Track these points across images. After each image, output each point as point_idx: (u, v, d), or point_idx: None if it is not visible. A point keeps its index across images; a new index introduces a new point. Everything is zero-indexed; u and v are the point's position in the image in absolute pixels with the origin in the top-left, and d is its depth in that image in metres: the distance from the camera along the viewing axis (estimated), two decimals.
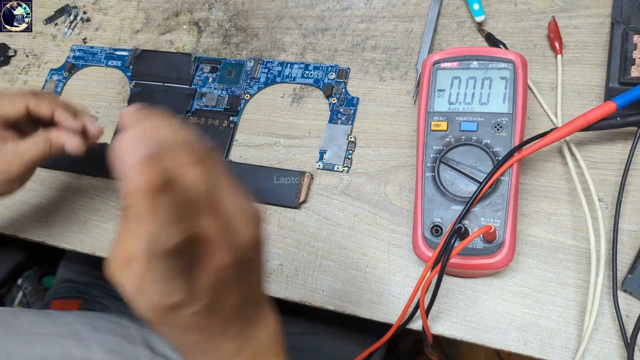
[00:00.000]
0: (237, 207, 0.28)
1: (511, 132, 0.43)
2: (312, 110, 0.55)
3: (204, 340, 0.30)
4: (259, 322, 0.33)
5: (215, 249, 0.26)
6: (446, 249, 0.39)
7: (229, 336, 0.31)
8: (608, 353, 0.41)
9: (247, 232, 0.28)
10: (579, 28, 0.51)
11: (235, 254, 0.27)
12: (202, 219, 0.26)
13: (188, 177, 0.25)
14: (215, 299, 0.27)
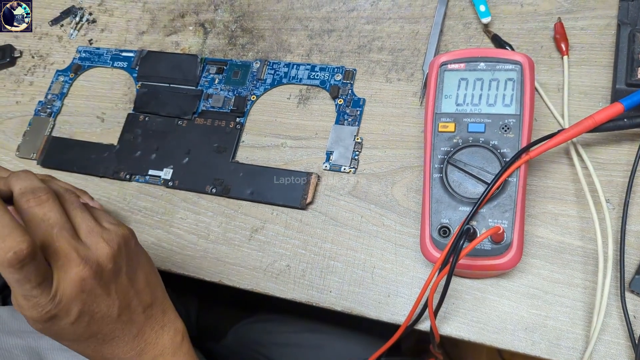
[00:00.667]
0: (90, 230, 0.34)
1: (519, 133, 0.43)
2: (318, 111, 0.55)
3: (101, 347, 0.35)
4: (160, 327, 0.38)
5: (69, 263, 0.32)
6: (454, 250, 0.39)
7: (125, 340, 0.36)
8: (615, 354, 0.41)
9: (101, 248, 0.34)
10: (585, 29, 0.51)
11: (91, 267, 0.33)
12: (53, 239, 0.32)
13: (38, 210, 0.33)
14: (89, 308, 0.33)
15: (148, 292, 0.38)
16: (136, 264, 0.37)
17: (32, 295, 0.31)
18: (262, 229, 0.51)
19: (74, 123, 0.62)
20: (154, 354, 0.38)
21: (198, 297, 0.76)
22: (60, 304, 0.32)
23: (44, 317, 0.32)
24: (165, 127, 0.58)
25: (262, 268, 0.50)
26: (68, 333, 0.34)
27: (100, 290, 0.34)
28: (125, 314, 0.36)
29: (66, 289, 0.32)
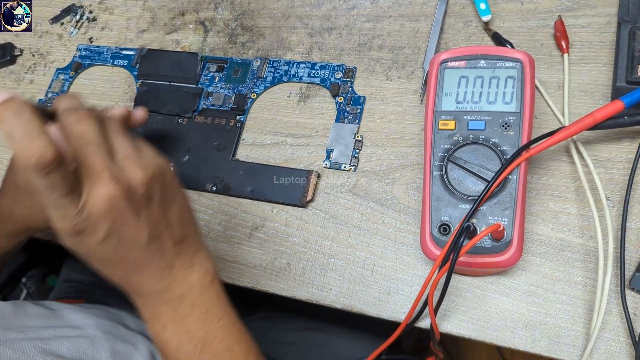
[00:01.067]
0: (127, 155, 0.34)
1: (519, 131, 0.43)
2: (318, 109, 0.55)
3: (129, 274, 0.36)
4: (190, 265, 0.37)
5: (100, 180, 0.32)
6: (454, 248, 0.39)
7: (152, 272, 0.36)
8: (616, 351, 0.41)
9: (134, 173, 0.34)
10: (585, 27, 0.51)
11: (122, 188, 0.33)
12: (87, 155, 0.32)
13: (77, 127, 0.33)
14: (117, 230, 0.33)
15: (180, 228, 0.37)
16: (171, 197, 0.37)
17: (60, 205, 0.31)
18: (262, 227, 0.51)
19: None
20: (181, 290, 0.37)
21: None
22: (88, 219, 0.32)
23: (72, 230, 0.32)
24: (165, 125, 0.58)
25: (262, 266, 0.50)
26: (96, 253, 0.34)
27: (130, 213, 0.33)
28: (154, 244, 0.35)
29: (94, 205, 0.32)
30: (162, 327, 0.37)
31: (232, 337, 0.38)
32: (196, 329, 0.37)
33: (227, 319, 0.38)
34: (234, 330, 0.38)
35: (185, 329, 0.37)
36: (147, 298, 0.37)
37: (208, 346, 0.37)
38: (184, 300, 0.37)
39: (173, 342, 0.37)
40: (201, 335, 0.37)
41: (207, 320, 0.37)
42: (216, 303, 0.38)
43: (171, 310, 0.37)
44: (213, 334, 0.37)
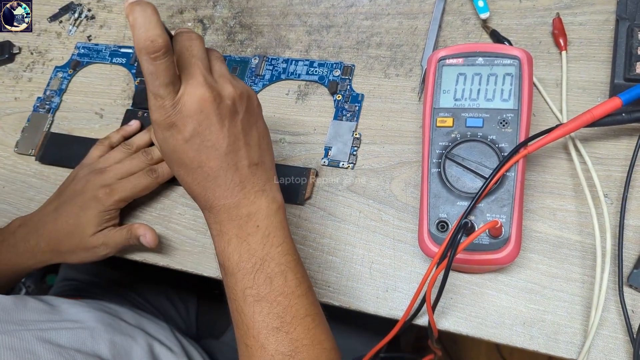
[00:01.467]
0: (223, 74, 0.39)
1: (517, 128, 0.43)
2: (317, 107, 0.55)
3: (205, 182, 0.39)
4: (261, 190, 0.40)
5: (196, 83, 0.37)
6: (452, 245, 0.39)
7: (226, 185, 0.39)
8: (614, 348, 0.41)
9: (226, 87, 0.38)
10: (583, 25, 0.51)
11: (213, 93, 0.37)
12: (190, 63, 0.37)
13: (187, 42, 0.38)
14: (202, 131, 0.37)
15: (257, 152, 0.41)
16: (253, 121, 0.41)
17: (160, 94, 0.36)
18: None
19: (73, 119, 0.62)
20: (249, 210, 0.40)
21: (197, 293, 0.76)
22: (180, 114, 0.37)
23: (165, 122, 0.37)
24: None
25: None
26: (181, 153, 0.38)
27: (215, 119, 0.38)
28: (231, 156, 0.39)
29: (187, 101, 0.37)
30: (227, 242, 0.40)
31: (289, 264, 0.40)
32: (257, 248, 0.39)
33: (287, 247, 0.41)
34: (291, 259, 0.40)
35: (247, 247, 0.39)
36: (218, 212, 0.40)
37: (265, 267, 0.39)
38: (250, 220, 0.40)
39: (234, 257, 0.39)
40: (261, 255, 0.39)
41: (269, 242, 0.40)
42: (279, 229, 0.41)
43: (237, 227, 0.40)
44: (271, 256, 0.40)
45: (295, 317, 0.39)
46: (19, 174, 0.60)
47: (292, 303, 0.39)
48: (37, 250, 0.51)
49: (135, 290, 0.69)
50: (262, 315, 0.38)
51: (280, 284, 0.39)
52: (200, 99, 0.37)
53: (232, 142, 0.39)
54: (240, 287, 0.39)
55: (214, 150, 0.38)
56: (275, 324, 0.38)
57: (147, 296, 0.70)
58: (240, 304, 0.39)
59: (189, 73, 0.37)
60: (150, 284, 0.71)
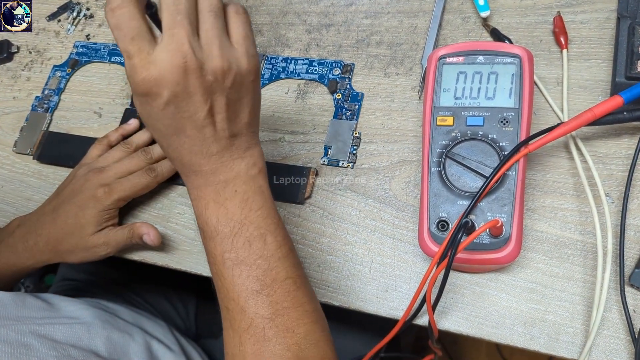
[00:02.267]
0: (211, 39, 0.35)
1: (517, 126, 0.43)
2: (316, 106, 0.55)
3: (182, 149, 0.37)
4: (240, 157, 0.39)
5: (176, 51, 0.33)
6: (453, 244, 0.39)
7: (203, 153, 0.38)
8: (615, 348, 0.41)
9: (211, 58, 0.35)
10: (584, 23, 0.51)
11: (192, 65, 0.34)
12: (173, 24, 0.33)
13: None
14: (178, 100, 0.35)
15: (240, 124, 0.39)
16: (242, 95, 0.38)
17: (128, 51, 0.33)
18: None
19: (71, 118, 0.61)
20: (226, 176, 0.39)
21: (197, 293, 0.75)
22: (153, 80, 0.33)
23: (139, 87, 0.34)
24: None
25: None
26: (156, 120, 0.36)
27: (193, 90, 0.35)
28: (209, 129, 0.37)
29: (162, 68, 0.33)
30: (205, 206, 0.39)
31: (269, 227, 0.39)
32: (235, 212, 0.39)
33: (266, 211, 0.40)
34: (270, 222, 0.40)
35: (225, 210, 0.39)
36: (195, 177, 0.39)
37: (244, 230, 0.39)
38: (227, 185, 0.39)
39: (212, 220, 0.39)
40: (239, 219, 0.39)
41: (247, 207, 0.39)
42: (258, 194, 0.40)
43: (215, 192, 0.39)
44: (250, 219, 0.39)
45: (275, 279, 0.38)
46: (17, 174, 0.60)
47: (272, 266, 0.39)
48: (36, 250, 0.51)
49: (134, 290, 0.69)
50: (242, 278, 0.38)
51: (259, 247, 0.39)
52: (178, 68, 0.33)
53: (211, 115, 0.37)
54: (219, 250, 0.39)
55: (191, 121, 0.36)
56: (255, 287, 0.38)
57: (146, 296, 0.70)
58: (220, 268, 0.39)
59: (170, 34, 0.33)
60: (149, 284, 0.71)
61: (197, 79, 0.34)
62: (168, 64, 0.33)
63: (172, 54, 0.33)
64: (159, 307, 0.70)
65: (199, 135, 0.37)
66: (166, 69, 0.33)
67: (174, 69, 0.33)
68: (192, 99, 0.35)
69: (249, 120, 0.39)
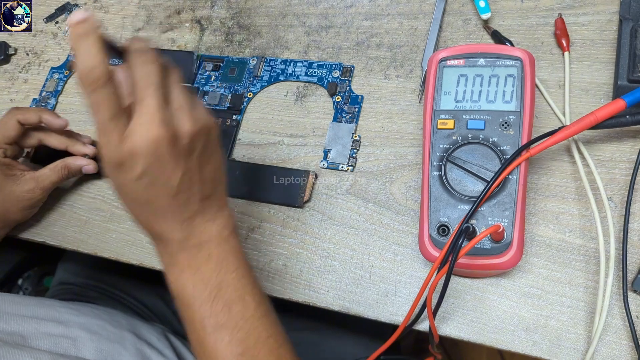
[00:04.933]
0: (181, 106, 0.35)
1: (519, 130, 0.42)
2: (316, 108, 0.54)
3: (153, 217, 0.37)
4: (211, 219, 0.39)
5: (151, 121, 0.33)
6: (453, 249, 0.38)
7: (175, 220, 0.37)
8: (618, 355, 0.41)
9: (184, 123, 0.35)
10: (586, 25, 0.50)
11: (169, 132, 0.34)
12: (146, 95, 0.34)
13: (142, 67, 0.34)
14: (153, 171, 0.34)
15: (210, 185, 0.39)
16: (210, 155, 0.38)
17: (105, 129, 0.33)
18: (258, 228, 0.51)
19: (69, 121, 0.61)
20: (199, 240, 0.38)
21: None
22: (129, 153, 0.33)
23: (112, 161, 0.34)
24: None
25: (259, 267, 0.49)
26: (129, 190, 0.36)
27: (169, 158, 0.35)
28: (183, 195, 0.37)
29: (138, 141, 0.33)
30: (179, 273, 0.38)
31: (246, 288, 0.39)
32: (211, 276, 0.38)
33: (242, 271, 0.40)
34: (247, 282, 0.39)
35: (200, 276, 0.38)
36: (167, 244, 0.38)
37: (222, 294, 0.38)
38: (201, 250, 0.38)
39: (188, 288, 0.38)
40: (216, 283, 0.38)
41: (223, 270, 0.39)
42: (232, 255, 0.39)
43: (189, 257, 0.38)
44: (227, 282, 0.39)
45: (258, 340, 0.38)
46: None
47: (253, 326, 0.38)
48: None
49: (131, 294, 0.69)
50: (224, 343, 0.37)
51: (239, 309, 0.38)
52: (154, 140, 0.33)
53: (186, 181, 0.36)
54: (198, 317, 0.38)
55: (165, 189, 0.36)
56: (239, 350, 0.37)
57: (144, 299, 0.69)
58: (201, 335, 0.38)
59: (143, 107, 0.34)
60: (147, 287, 0.70)
61: (171, 148, 0.34)
62: (143, 137, 0.33)
63: (147, 126, 0.33)
64: (156, 310, 0.69)
65: (173, 203, 0.37)
66: (141, 141, 0.33)
67: (149, 141, 0.33)
68: (166, 168, 0.35)
69: (218, 179, 0.39)
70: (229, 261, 0.39)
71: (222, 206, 0.40)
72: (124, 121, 0.33)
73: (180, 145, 0.35)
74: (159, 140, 0.34)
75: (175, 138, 0.34)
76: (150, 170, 0.34)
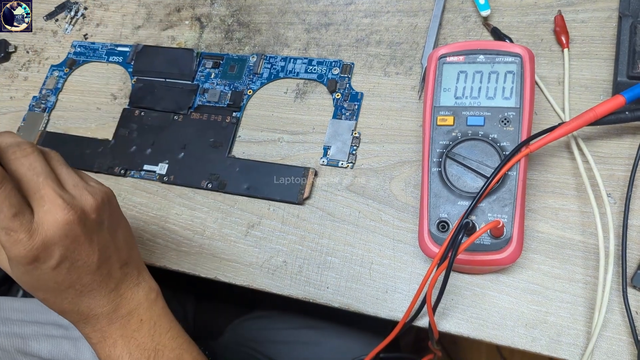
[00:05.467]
0: (76, 184, 0.36)
1: (518, 126, 0.42)
2: (315, 105, 0.54)
3: (78, 299, 0.37)
4: (135, 284, 0.40)
5: (54, 207, 0.33)
6: (453, 245, 0.38)
7: (102, 293, 0.37)
8: (617, 350, 0.41)
9: (86, 199, 0.35)
10: (585, 22, 0.50)
11: (76, 213, 0.34)
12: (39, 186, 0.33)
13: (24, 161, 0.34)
14: (71, 254, 0.34)
15: (126, 250, 0.39)
16: (117, 222, 0.39)
17: (10, 228, 0.32)
18: (258, 225, 0.51)
19: (69, 118, 0.61)
20: (129, 308, 0.39)
21: (195, 295, 0.75)
22: (42, 245, 0.33)
23: (26, 257, 0.33)
24: (160, 122, 0.57)
25: (259, 264, 0.49)
26: (48, 280, 0.35)
27: (83, 237, 0.35)
28: (104, 267, 0.37)
29: (49, 229, 0.33)
30: (113, 345, 0.38)
31: (182, 346, 0.40)
32: (146, 341, 0.39)
33: (175, 331, 0.40)
34: (182, 341, 0.40)
35: (136, 343, 0.39)
36: (96, 321, 0.38)
37: (160, 355, 0.39)
38: (132, 317, 0.39)
39: (125, 358, 0.38)
40: (152, 346, 0.39)
41: (157, 332, 0.39)
42: (163, 316, 0.40)
43: (121, 327, 0.39)
44: (163, 344, 0.39)
45: None
46: None
47: None
48: None
49: None
50: None
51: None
52: (64, 224, 0.33)
53: (103, 253, 0.37)
54: None
55: (86, 267, 0.36)
56: None
57: None
58: None
59: (41, 197, 0.33)
60: None
61: (82, 227, 0.35)
62: (53, 225, 0.33)
63: (53, 213, 0.33)
64: None
65: (96, 277, 0.37)
66: (52, 229, 0.33)
67: (60, 227, 0.33)
68: (83, 247, 0.35)
69: (130, 243, 0.40)
70: (161, 323, 0.40)
71: (142, 270, 0.41)
72: (27, 217, 0.33)
73: (89, 221, 0.35)
74: (69, 223, 0.34)
75: (83, 216, 0.35)
76: (69, 254, 0.34)
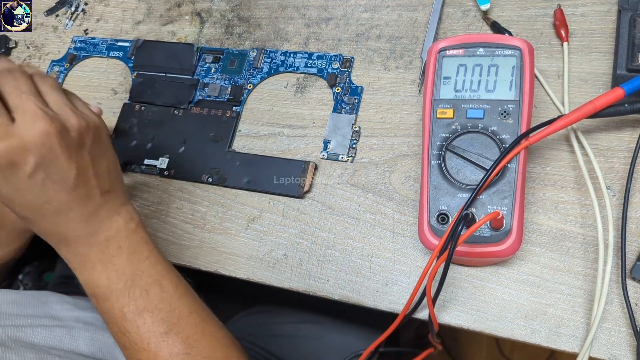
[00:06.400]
0: (62, 105, 0.36)
1: (518, 119, 0.42)
2: (315, 99, 0.55)
3: (56, 218, 0.37)
4: (116, 213, 0.40)
5: (35, 118, 0.34)
6: (453, 237, 0.38)
7: (80, 216, 0.37)
8: (616, 341, 0.41)
9: (70, 118, 0.36)
10: (585, 16, 0.51)
11: (56, 126, 0.34)
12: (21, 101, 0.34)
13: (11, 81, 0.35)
14: (47, 165, 0.34)
15: (107, 180, 0.39)
16: (102, 152, 0.39)
17: None
18: (258, 218, 0.51)
19: None
20: (107, 234, 0.39)
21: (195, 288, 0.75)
22: (20, 147, 0.33)
23: (4, 158, 0.33)
24: (161, 116, 0.57)
25: (259, 257, 0.49)
26: (24, 191, 0.35)
27: (60, 150, 0.35)
28: (82, 188, 0.37)
29: (26, 136, 0.33)
30: (91, 269, 0.39)
31: (160, 272, 0.40)
32: (124, 266, 0.39)
33: (154, 258, 0.40)
34: (160, 268, 0.40)
35: (114, 268, 0.39)
36: (75, 244, 0.39)
37: (138, 281, 0.39)
38: (110, 243, 0.39)
39: (102, 282, 0.39)
40: (130, 271, 0.39)
41: (135, 259, 0.39)
42: (142, 245, 0.40)
43: (99, 252, 0.39)
44: (141, 270, 0.39)
45: (180, 317, 0.39)
46: None
47: (174, 306, 0.39)
48: None
49: None
50: (147, 325, 0.38)
51: (157, 292, 0.39)
52: (42, 132, 0.34)
53: (81, 173, 0.37)
54: (117, 307, 0.39)
55: (62, 183, 0.36)
56: (163, 329, 0.38)
57: None
58: (122, 324, 0.39)
59: (23, 110, 0.34)
60: None
61: (61, 140, 0.35)
62: (30, 130, 0.33)
63: (32, 122, 0.34)
64: None
65: (73, 197, 0.37)
66: (29, 134, 0.33)
67: (38, 133, 0.34)
68: (59, 160, 0.35)
69: (115, 175, 0.40)
70: (140, 251, 0.40)
71: (125, 202, 0.41)
72: (6, 120, 0.33)
73: (69, 138, 0.36)
74: (47, 132, 0.34)
75: (64, 130, 0.35)
76: (44, 163, 0.34)
